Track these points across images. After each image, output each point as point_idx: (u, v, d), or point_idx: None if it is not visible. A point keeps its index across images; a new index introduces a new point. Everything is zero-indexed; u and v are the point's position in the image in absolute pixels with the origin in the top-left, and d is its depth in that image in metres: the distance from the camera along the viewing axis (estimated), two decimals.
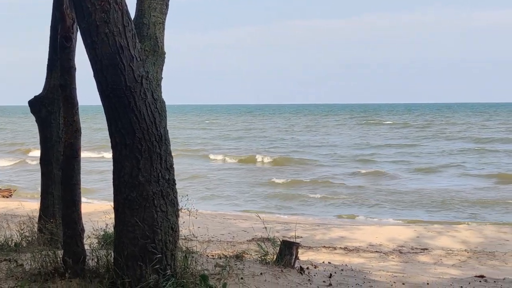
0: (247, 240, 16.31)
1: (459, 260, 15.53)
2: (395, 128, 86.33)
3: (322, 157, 48.31)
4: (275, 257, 9.55)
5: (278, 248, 9.71)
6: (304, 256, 14.76)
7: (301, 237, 17.99)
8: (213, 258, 9.55)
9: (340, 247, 16.67)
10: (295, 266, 9.54)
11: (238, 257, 9.74)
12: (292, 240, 10.08)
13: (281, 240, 9.93)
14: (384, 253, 16.05)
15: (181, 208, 8.00)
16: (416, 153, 51.27)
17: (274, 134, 78.16)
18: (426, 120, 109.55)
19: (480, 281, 10.10)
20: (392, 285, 9.47)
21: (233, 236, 17.79)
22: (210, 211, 23.97)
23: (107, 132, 7.43)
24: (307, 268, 9.89)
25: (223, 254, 9.97)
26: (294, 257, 9.54)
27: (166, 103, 7.94)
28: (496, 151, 50.64)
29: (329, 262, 11.97)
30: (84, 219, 8.38)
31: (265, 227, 10.83)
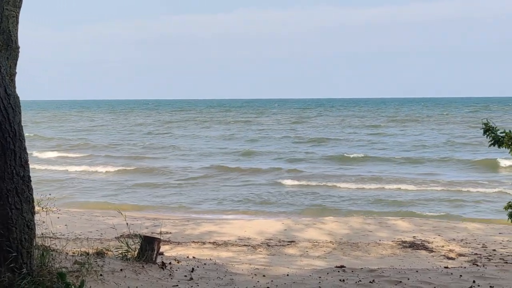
0: (115, 237, 16.14)
1: (324, 251, 15.92)
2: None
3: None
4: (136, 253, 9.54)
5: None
6: (173, 251, 14.78)
7: (170, 232, 18.01)
8: (73, 256, 9.42)
9: (209, 242, 16.76)
10: (157, 261, 9.56)
11: (99, 254, 9.67)
12: (154, 235, 10.09)
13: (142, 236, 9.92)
14: (252, 247, 16.25)
15: (43, 207, 7.89)
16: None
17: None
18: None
19: (339, 271, 10.40)
20: (253, 278, 9.62)
21: (101, 234, 17.57)
22: (77, 208, 23.65)
23: None
24: (170, 263, 9.93)
25: (83, 251, 9.83)
26: (155, 252, 9.55)
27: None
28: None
29: (193, 257, 12.01)
30: None
31: (127, 223, 10.73)
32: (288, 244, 16.64)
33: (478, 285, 9.18)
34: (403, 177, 33.39)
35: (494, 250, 15.99)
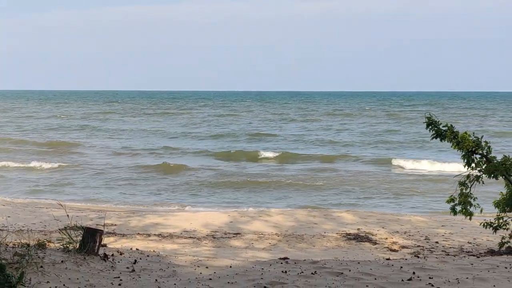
0: (59, 229, 15.94)
1: (270, 243, 15.99)
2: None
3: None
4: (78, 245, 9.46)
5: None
6: (117, 243, 14.68)
7: (115, 224, 17.91)
8: (14, 247, 9.31)
9: (155, 234, 16.70)
10: (99, 253, 9.49)
11: (40, 245, 9.57)
12: (99, 227, 10.02)
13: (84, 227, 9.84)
14: (197, 239, 16.24)
15: None
16: None
17: None
18: None
19: (281, 263, 10.45)
20: (195, 269, 9.63)
21: (45, 226, 17.38)
22: (22, 199, 23.35)
23: None
24: (112, 255, 9.87)
25: (24, 243, 9.71)
26: (97, 244, 9.48)
27: None
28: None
29: (137, 249, 11.94)
30: None
31: (68, 215, 10.63)
32: (233, 236, 16.67)
33: (418, 277, 9.31)
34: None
35: (437, 242, 16.24)
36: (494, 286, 8.86)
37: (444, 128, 14.43)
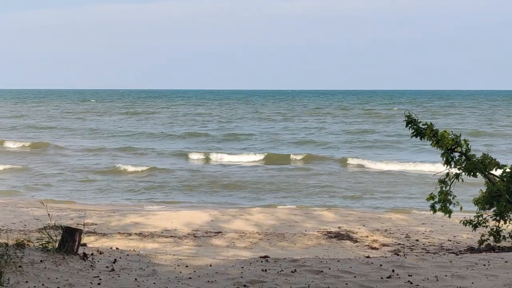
0: (39, 229, 15.90)
1: (251, 242, 16.00)
2: None
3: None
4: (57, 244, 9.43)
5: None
6: (98, 243, 14.65)
7: (96, 224, 17.85)
8: None
9: (135, 233, 16.66)
10: (79, 252, 9.46)
11: (19, 245, 9.52)
12: (79, 227, 9.99)
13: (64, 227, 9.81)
14: (178, 238, 16.22)
15: None
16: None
17: None
18: None
19: (262, 262, 10.47)
20: (175, 268, 9.62)
21: (25, 225, 17.29)
22: (2, 200, 23.22)
23: None
24: (92, 254, 9.85)
25: (3, 242, 9.66)
26: (77, 243, 9.45)
27: None
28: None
29: (117, 248, 11.93)
30: None
31: (49, 214, 10.60)
32: (215, 235, 16.67)
33: (397, 274, 9.35)
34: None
35: (417, 240, 16.31)
36: (473, 283, 8.91)
37: (423, 127, 14.52)
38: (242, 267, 9.81)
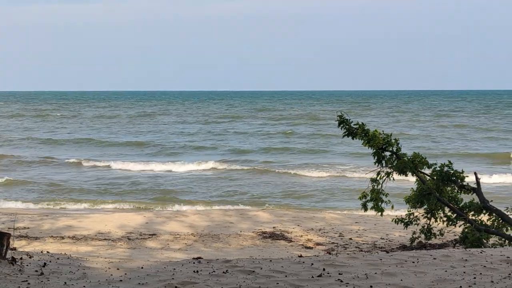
0: None
1: (186, 244, 15.99)
2: None
3: None
4: None
5: None
6: (30, 247, 14.45)
7: (28, 227, 17.57)
8: None
9: (69, 236, 16.47)
10: (7, 257, 9.31)
11: None
12: (10, 231, 9.83)
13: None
14: (112, 240, 16.10)
15: None
16: None
17: None
18: None
19: (194, 263, 10.44)
20: (106, 271, 9.53)
21: None
22: None
23: None
24: (21, 258, 9.69)
25: None
26: (5, 247, 9.28)
27: None
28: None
29: (47, 252, 11.75)
30: None
31: None
32: (149, 237, 16.60)
33: (328, 273, 9.43)
34: None
35: (351, 239, 16.53)
36: (401, 280, 9.04)
37: (355, 126, 14.72)
38: (174, 269, 9.77)
